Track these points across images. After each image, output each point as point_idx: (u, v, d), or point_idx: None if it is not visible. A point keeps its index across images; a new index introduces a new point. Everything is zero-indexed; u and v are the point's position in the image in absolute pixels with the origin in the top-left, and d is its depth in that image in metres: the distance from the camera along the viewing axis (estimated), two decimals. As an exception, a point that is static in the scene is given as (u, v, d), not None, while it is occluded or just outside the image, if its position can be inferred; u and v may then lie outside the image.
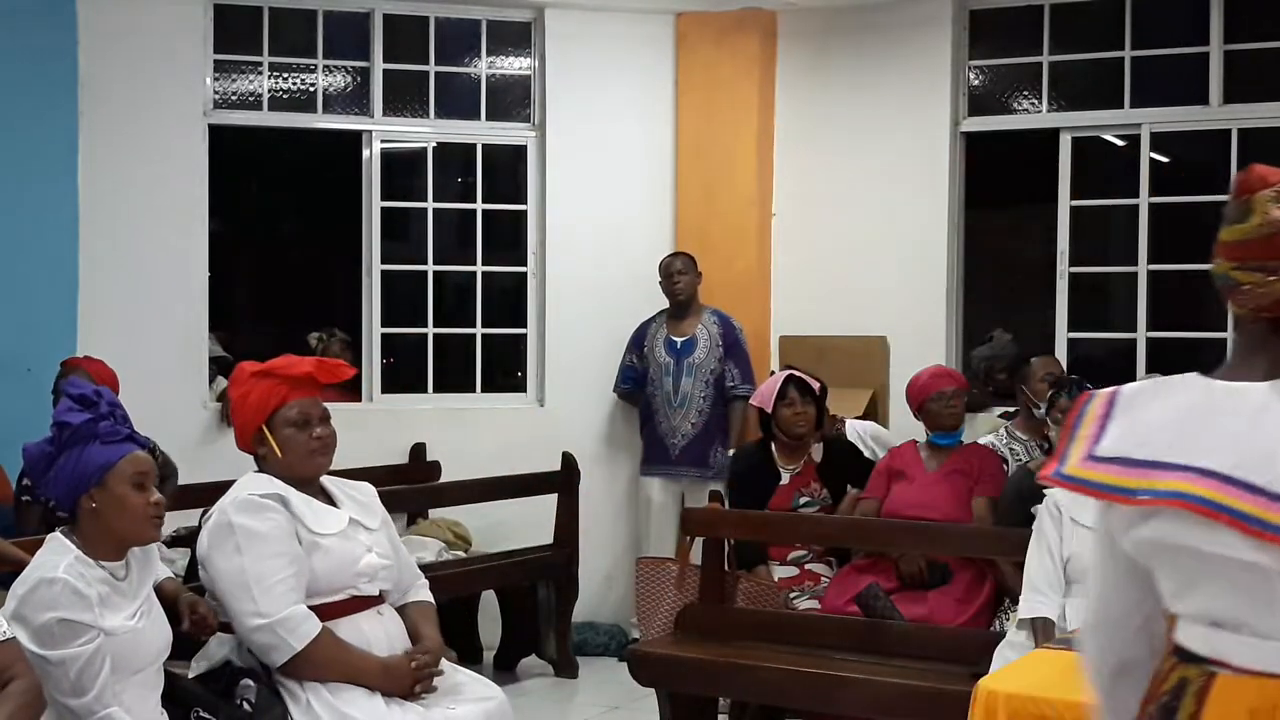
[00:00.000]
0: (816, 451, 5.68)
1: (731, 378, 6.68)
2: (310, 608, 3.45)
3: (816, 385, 5.68)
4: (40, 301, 6.24)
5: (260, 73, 6.85)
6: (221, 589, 3.44)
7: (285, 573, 3.39)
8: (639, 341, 6.88)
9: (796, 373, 5.72)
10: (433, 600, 3.83)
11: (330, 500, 3.66)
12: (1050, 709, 2.85)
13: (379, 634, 3.57)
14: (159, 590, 3.39)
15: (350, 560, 3.54)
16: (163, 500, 3.23)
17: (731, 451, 6.39)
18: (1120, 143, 7.06)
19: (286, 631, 3.37)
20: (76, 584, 3.03)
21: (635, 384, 6.90)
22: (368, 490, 3.80)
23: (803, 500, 5.56)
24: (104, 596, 3.08)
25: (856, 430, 6.21)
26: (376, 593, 3.62)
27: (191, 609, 3.45)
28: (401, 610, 3.71)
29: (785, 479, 5.61)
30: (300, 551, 3.45)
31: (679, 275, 6.77)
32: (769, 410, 5.66)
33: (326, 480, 3.70)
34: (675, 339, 6.77)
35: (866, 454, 5.93)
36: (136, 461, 3.18)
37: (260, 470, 3.62)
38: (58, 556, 3.09)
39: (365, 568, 3.57)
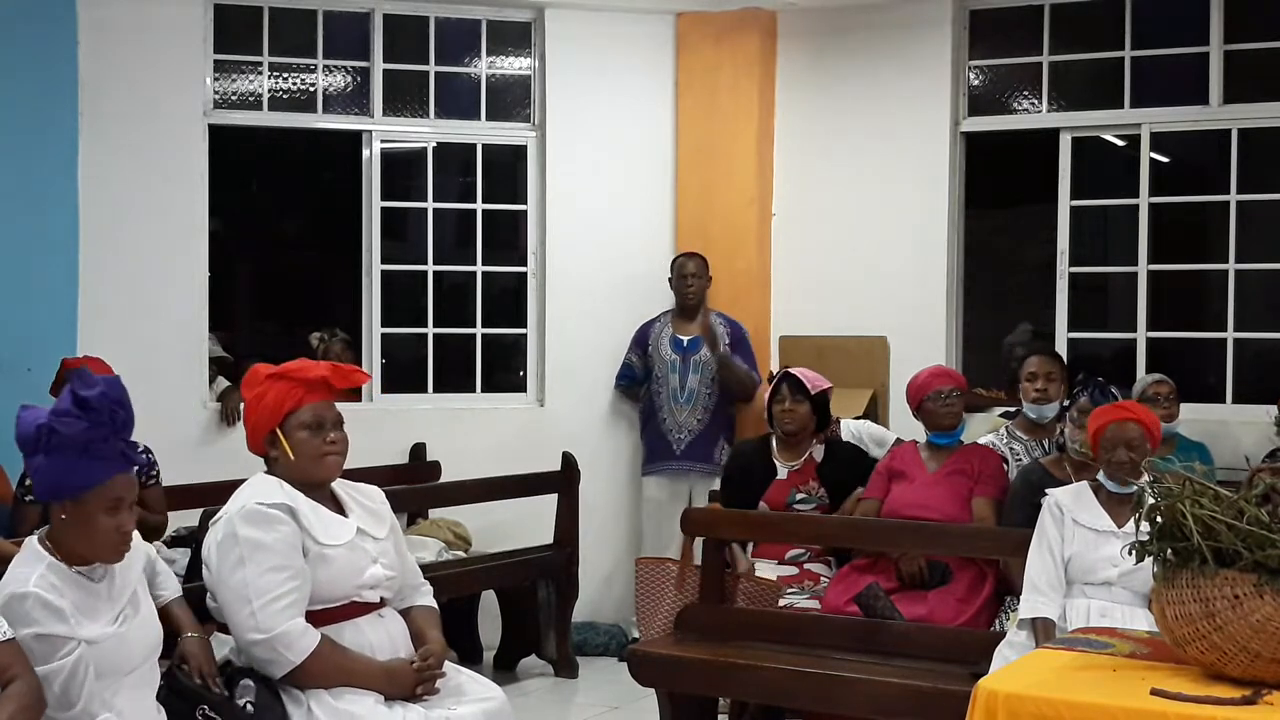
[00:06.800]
0: (818, 451, 5.68)
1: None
2: (311, 612, 3.44)
3: (818, 386, 5.67)
4: (40, 301, 6.23)
5: (260, 73, 6.85)
6: (223, 598, 3.44)
7: (286, 587, 3.38)
8: (642, 340, 6.91)
9: (793, 371, 5.72)
10: (436, 606, 3.83)
11: (339, 507, 3.64)
12: (1050, 709, 2.84)
13: (381, 636, 3.57)
14: (164, 613, 3.36)
15: (355, 572, 3.54)
16: (131, 529, 3.13)
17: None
18: (1120, 143, 7.06)
19: (284, 646, 3.37)
20: (48, 597, 2.97)
21: (633, 382, 6.95)
22: (376, 495, 3.78)
23: (799, 497, 5.56)
24: (79, 603, 3.03)
25: (852, 430, 6.20)
26: (378, 599, 3.62)
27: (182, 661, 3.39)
28: (405, 614, 3.71)
29: (783, 474, 5.61)
30: (304, 565, 3.44)
31: (692, 278, 6.80)
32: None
33: (336, 485, 3.68)
34: (682, 337, 6.79)
35: (872, 452, 5.92)
36: (116, 487, 3.08)
37: (270, 472, 3.60)
38: (28, 569, 3.02)
39: (369, 579, 3.56)
